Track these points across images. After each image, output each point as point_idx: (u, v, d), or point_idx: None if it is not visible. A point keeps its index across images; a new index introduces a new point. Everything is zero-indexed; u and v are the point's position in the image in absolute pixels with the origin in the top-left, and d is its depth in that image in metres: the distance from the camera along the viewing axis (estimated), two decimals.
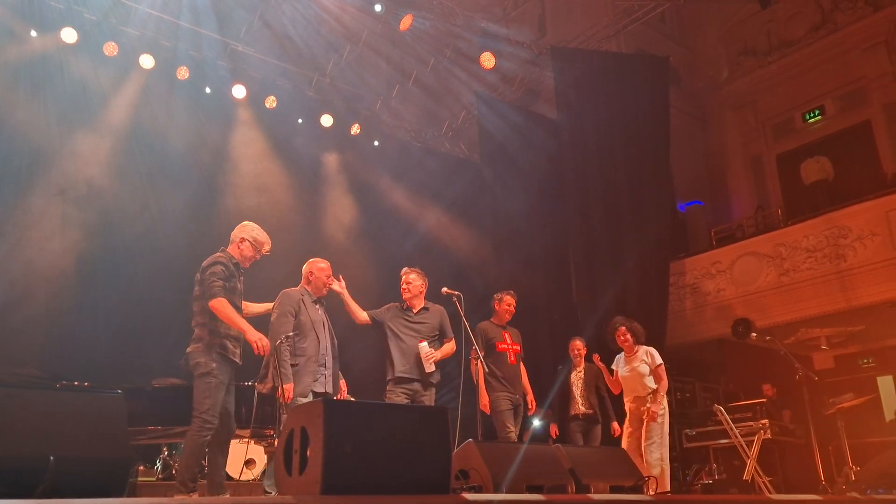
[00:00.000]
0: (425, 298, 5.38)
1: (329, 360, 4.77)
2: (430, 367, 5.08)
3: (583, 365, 6.93)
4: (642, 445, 5.86)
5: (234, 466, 6.79)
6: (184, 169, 8.47)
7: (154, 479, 6.45)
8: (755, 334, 7.25)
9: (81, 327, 7.30)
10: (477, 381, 5.33)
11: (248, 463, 6.90)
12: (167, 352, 7.33)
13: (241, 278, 4.58)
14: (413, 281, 5.29)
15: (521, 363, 5.95)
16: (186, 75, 8.70)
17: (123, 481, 2.16)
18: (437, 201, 10.46)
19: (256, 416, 5.30)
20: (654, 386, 6.08)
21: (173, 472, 6.70)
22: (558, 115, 10.18)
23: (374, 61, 10.10)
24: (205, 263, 4.47)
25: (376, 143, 10.64)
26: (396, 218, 10.14)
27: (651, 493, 3.99)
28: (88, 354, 7.01)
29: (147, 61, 8.42)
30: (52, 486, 1.91)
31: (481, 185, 10.50)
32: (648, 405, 5.94)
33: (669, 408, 8.61)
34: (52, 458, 1.94)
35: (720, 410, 6.81)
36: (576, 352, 6.98)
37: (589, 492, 4.02)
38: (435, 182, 10.56)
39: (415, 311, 5.26)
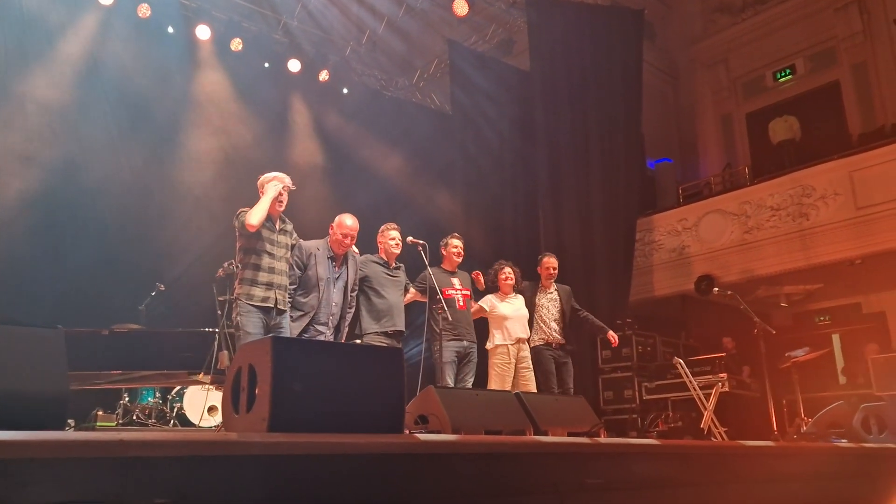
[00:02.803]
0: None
1: (332, 320, 4.77)
2: None
3: (554, 286, 6.40)
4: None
5: (195, 412, 6.77)
6: (146, 110, 8.19)
7: (114, 424, 6.39)
8: (717, 290, 7.32)
9: (40, 270, 7.12)
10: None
11: (211, 409, 6.87)
12: (128, 297, 7.24)
13: (283, 226, 4.67)
14: (398, 236, 5.39)
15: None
16: (148, 13, 8.35)
17: (61, 419, 2.08)
18: (405, 151, 10.32)
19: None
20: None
21: (134, 417, 6.66)
22: (531, 65, 10.04)
23: (344, 5, 9.80)
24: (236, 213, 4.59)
25: (345, 90, 10.40)
26: (363, 167, 9.98)
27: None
28: (48, 297, 6.85)
29: None
30: None
31: (452, 136, 10.37)
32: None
33: (632, 360, 8.81)
34: None
35: (679, 363, 6.90)
36: (551, 270, 6.39)
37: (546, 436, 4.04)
38: (404, 132, 10.40)
39: (391, 265, 5.36)
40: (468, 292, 5.83)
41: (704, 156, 12.59)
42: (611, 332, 6.32)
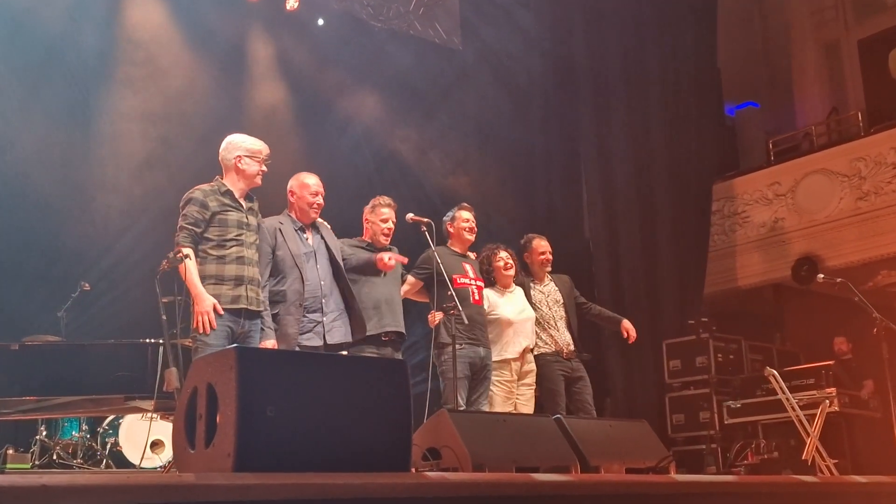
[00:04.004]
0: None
1: (329, 303, 4.85)
2: None
3: (548, 277, 6.34)
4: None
5: (134, 449, 6.84)
6: (55, 59, 8.18)
7: (28, 465, 6.46)
8: (822, 277, 7.27)
9: None
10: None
11: (155, 445, 6.93)
12: (43, 300, 7.28)
13: (251, 205, 4.75)
14: (392, 216, 5.43)
15: None
16: None
17: None
18: (401, 100, 10.29)
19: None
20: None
21: (54, 457, 6.73)
22: None
23: None
24: (181, 201, 4.62)
25: (321, 21, 10.37)
26: (347, 122, 9.98)
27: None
28: None
29: None
30: None
31: (463, 77, 10.33)
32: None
33: (709, 373, 8.81)
34: None
35: (773, 375, 6.89)
36: (547, 255, 6.32)
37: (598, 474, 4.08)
38: (400, 75, 10.37)
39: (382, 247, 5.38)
40: (483, 283, 5.84)
41: (802, 98, 12.50)
42: (625, 323, 6.27)
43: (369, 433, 2.47)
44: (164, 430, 6.63)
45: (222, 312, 4.37)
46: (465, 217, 5.88)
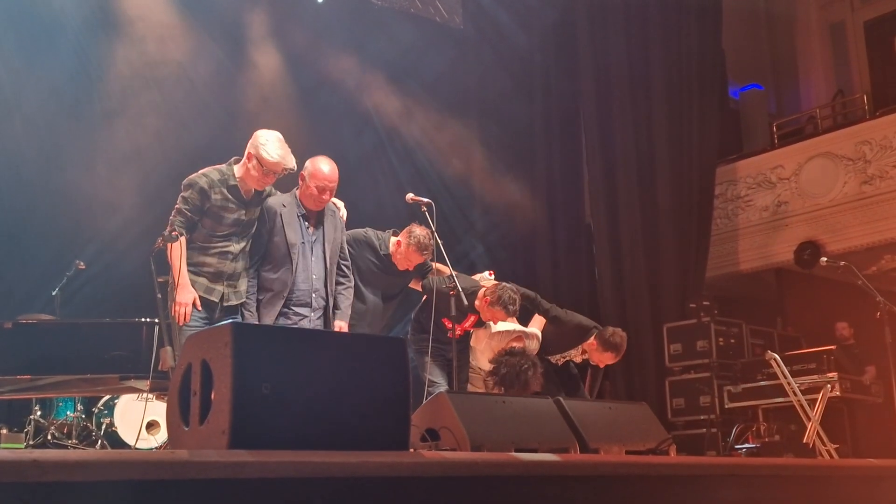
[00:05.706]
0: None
1: (317, 299, 4.76)
2: None
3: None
4: None
5: (129, 430, 6.84)
6: (47, 35, 8.14)
7: (22, 445, 6.46)
8: (825, 260, 7.28)
9: None
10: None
11: (151, 426, 6.93)
12: (37, 278, 7.28)
13: (251, 208, 4.65)
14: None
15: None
16: None
17: None
18: (402, 81, 10.26)
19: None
20: None
21: (48, 436, 6.73)
22: None
23: None
24: (183, 182, 4.58)
25: None
26: (347, 103, 9.95)
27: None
28: None
29: None
30: None
31: (464, 58, 10.30)
32: None
33: (710, 356, 8.81)
34: None
35: (774, 360, 6.89)
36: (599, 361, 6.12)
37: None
38: (401, 55, 10.33)
39: (400, 267, 5.29)
40: (470, 323, 5.62)
41: (807, 80, 12.47)
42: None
43: (367, 411, 2.46)
44: (159, 410, 6.60)
45: (200, 308, 4.38)
46: (500, 315, 5.52)
